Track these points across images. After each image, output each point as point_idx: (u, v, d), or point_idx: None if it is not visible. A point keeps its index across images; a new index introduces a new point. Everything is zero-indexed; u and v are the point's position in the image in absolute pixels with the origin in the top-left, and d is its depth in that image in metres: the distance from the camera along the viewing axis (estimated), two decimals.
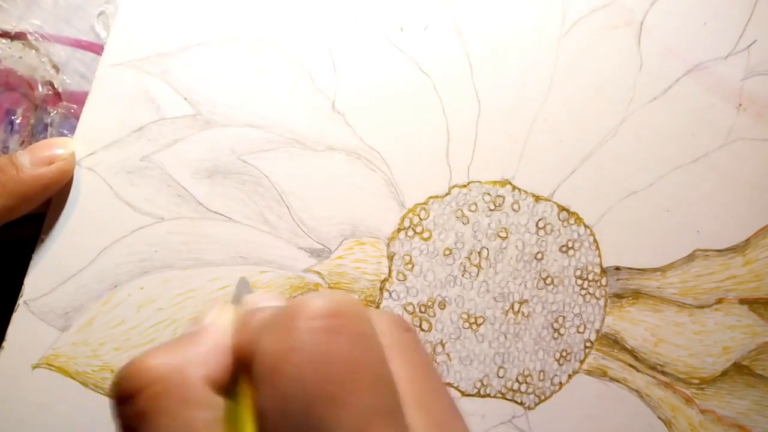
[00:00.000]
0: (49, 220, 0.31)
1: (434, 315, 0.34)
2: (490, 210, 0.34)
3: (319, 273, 0.33)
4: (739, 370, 0.36)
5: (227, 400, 0.20)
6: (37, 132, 0.32)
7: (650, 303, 0.35)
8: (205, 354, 0.21)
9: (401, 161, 0.34)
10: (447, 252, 0.34)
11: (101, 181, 0.32)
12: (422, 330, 0.34)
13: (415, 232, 0.34)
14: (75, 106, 0.32)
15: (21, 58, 0.32)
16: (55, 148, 0.31)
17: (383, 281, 0.34)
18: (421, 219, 0.34)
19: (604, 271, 0.35)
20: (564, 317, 0.35)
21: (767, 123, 0.36)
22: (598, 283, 0.35)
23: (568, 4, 0.35)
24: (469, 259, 0.34)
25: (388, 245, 0.34)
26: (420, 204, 0.34)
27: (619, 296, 0.35)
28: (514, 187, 0.35)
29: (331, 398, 0.18)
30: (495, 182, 0.35)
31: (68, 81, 0.33)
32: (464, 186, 0.34)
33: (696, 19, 0.36)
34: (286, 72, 0.33)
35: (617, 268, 0.35)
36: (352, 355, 0.19)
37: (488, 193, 0.34)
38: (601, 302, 0.35)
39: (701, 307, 0.36)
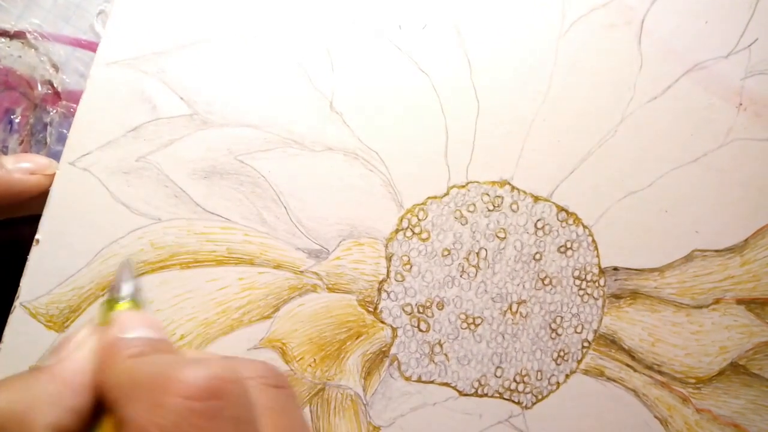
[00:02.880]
0: (44, 222, 0.31)
1: (432, 315, 0.34)
2: (489, 210, 0.34)
3: (317, 274, 0.33)
4: (735, 369, 0.36)
5: None
6: (37, 131, 0.32)
7: (648, 303, 0.36)
8: (57, 395, 0.19)
9: (399, 161, 0.33)
10: (445, 253, 0.34)
11: (97, 181, 0.31)
12: (420, 330, 0.34)
13: (414, 233, 0.34)
14: (74, 105, 0.32)
15: (20, 57, 0.32)
16: (39, 162, 0.31)
17: (381, 282, 0.34)
18: (419, 219, 0.34)
19: (602, 271, 0.35)
20: (562, 317, 0.35)
21: (766, 122, 0.36)
22: (596, 284, 0.35)
23: (568, 3, 0.34)
24: (468, 259, 0.34)
25: (386, 246, 0.34)
26: (418, 204, 0.34)
27: (617, 296, 0.35)
28: (512, 188, 0.35)
29: None
30: (494, 182, 0.34)
31: (67, 80, 0.32)
32: (463, 186, 0.34)
33: (697, 17, 0.35)
34: (283, 71, 0.33)
35: (615, 269, 0.35)
36: None
37: (487, 194, 0.34)
38: (599, 302, 0.35)
39: (699, 307, 0.36)
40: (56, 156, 0.32)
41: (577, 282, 0.35)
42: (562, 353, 0.35)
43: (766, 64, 0.36)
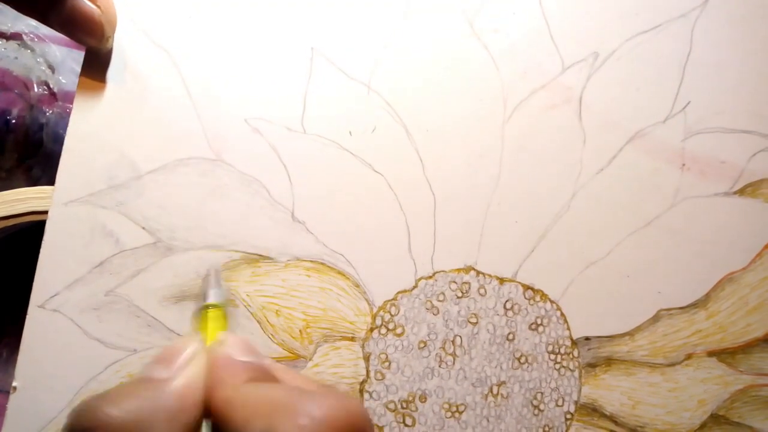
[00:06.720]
0: (20, 368, 0.31)
1: (416, 409, 0.34)
2: (458, 297, 0.35)
3: None
4: (716, 420, 0.37)
5: None
6: (33, 132, 0.32)
7: (623, 368, 0.36)
8: (174, 411, 0.19)
9: (366, 261, 0.34)
10: (421, 345, 0.35)
11: (69, 321, 0.32)
12: (406, 425, 0.34)
13: (388, 329, 0.34)
14: (70, 106, 0.32)
15: (16, 58, 0.32)
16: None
17: (362, 383, 0.34)
18: (392, 315, 0.34)
19: (574, 343, 0.36)
20: (542, 393, 0.36)
21: (711, 179, 0.37)
22: (571, 356, 0.36)
23: (508, 89, 0.36)
24: (444, 348, 0.35)
25: (362, 346, 0.34)
26: (389, 300, 0.34)
27: (592, 365, 0.36)
28: (478, 272, 0.35)
29: None
30: (459, 270, 0.35)
31: (64, 81, 0.32)
32: (430, 277, 0.35)
33: (630, 87, 0.37)
34: (241, 188, 0.33)
35: (587, 338, 0.36)
36: None
37: (454, 281, 0.35)
38: (576, 374, 0.36)
39: (672, 364, 0.37)
40: (51, 157, 0.32)
41: (552, 356, 0.36)
42: (546, 428, 0.35)
43: (702, 123, 0.37)
